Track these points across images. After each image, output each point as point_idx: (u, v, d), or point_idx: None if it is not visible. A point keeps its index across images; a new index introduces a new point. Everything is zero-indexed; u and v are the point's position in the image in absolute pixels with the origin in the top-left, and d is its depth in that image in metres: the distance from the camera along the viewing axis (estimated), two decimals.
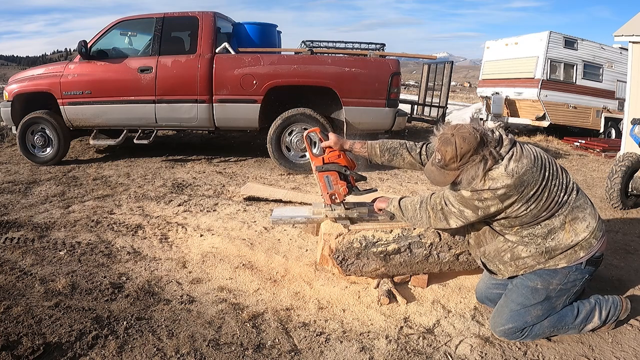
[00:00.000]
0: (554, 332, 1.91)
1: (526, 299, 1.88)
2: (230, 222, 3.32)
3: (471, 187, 1.80)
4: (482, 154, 1.76)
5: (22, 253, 2.70)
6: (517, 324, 1.86)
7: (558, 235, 1.83)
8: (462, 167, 1.79)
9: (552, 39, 9.63)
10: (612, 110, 10.39)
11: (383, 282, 2.30)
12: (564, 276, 1.85)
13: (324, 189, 2.28)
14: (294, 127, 5.02)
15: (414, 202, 2.08)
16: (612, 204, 4.02)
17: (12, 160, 5.60)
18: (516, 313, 1.87)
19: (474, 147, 1.75)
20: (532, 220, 1.82)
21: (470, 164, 1.77)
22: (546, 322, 1.88)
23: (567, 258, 1.84)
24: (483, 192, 1.79)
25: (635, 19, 5.68)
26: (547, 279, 1.86)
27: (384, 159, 2.24)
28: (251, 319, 2.03)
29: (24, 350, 1.75)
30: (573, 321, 1.91)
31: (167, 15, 5.26)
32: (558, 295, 1.87)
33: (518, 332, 1.87)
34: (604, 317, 1.94)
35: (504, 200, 1.78)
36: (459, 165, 1.79)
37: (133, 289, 2.27)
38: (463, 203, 1.86)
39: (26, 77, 5.54)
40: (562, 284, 1.86)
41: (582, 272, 1.86)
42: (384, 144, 2.24)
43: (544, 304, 1.86)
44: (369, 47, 6.23)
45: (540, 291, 1.87)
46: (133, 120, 5.24)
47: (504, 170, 1.77)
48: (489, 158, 1.76)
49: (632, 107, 5.51)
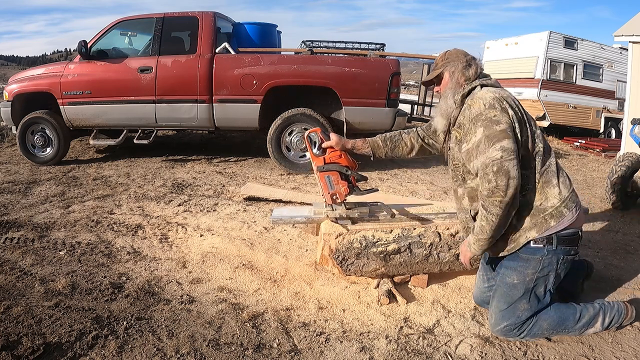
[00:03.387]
0: (554, 333, 1.92)
1: (508, 296, 1.90)
2: (230, 222, 3.32)
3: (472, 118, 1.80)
4: (466, 59, 1.95)
5: (22, 253, 2.70)
6: (510, 321, 1.87)
7: (529, 193, 1.82)
8: (446, 63, 1.96)
9: (552, 39, 9.64)
10: (612, 110, 10.40)
11: (383, 282, 2.30)
12: (537, 263, 1.85)
13: (325, 189, 2.28)
14: (294, 127, 5.02)
15: (480, 218, 1.83)
16: (612, 204, 4.02)
17: (12, 160, 5.61)
18: (505, 312, 1.89)
19: (461, 53, 1.99)
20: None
21: (454, 61, 1.96)
22: (545, 323, 1.88)
23: (538, 227, 1.82)
24: (488, 112, 1.77)
25: (635, 19, 5.68)
26: (521, 270, 1.87)
27: (387, 149, 2.26)
28: (251, 319, 2.03)
29: (24, 350, 1.75)
30: (574, 325, 1.91)
31: (167, 15, 5.26)
32: (537, 284, 1.87)
33: (515, 329, 1.87)
34: (606, 323, 1.94)
35: (505, 112, 1.78)
36: (444, 63, 1.97)
37: (133, 289, 2.27)
38: (491, 141, 1.74)
39: (26, 77, 5.54)
40: (538, 271, 1.86)
41: (555, 253, 1.84)
42: (384, 135, 2.29)
43: (526, 296, 1.87)
44: (369, 47, 6.23)
45: (518, 286, 1.88)
46: (133, 120, 5.24)
47: (486, 90, 1.87)
48: (471, 67, 1.93)
49: (632, 107, 5.52)
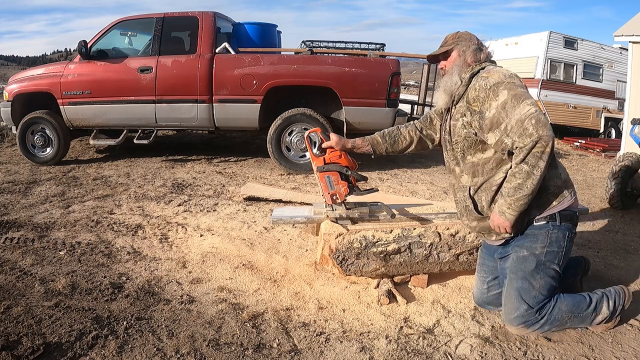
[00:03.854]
0: (571, 318, 1.90)
1: (522, 271, 1.89)
2: (230, 222, 3.32)
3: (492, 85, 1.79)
4: (478, 43, 1.96)
5: (22, 253, 2.70)
6: (529, 302, 1.85)
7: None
8: (458, 42, 1.97)
9: (552, 39, 9.64)
10: (612, 110, 10.40)
11: (383, 282, 2.30)
12: (545, 237, 1.87)
13: (325, 189, 2.28)
14: (294, 127, 5.02)
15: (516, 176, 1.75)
16: (612, 204, 4.02)
17: (12, 160, 5.61)
18: (522, 290, 1.87)
19: (474, 36, 1.99)
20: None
21: (466, 41, 1.97)
22: (563, 306, 1.88)
23: (540, 207, 1.87)
24: (507, 80, 1.80)
25: (635, 19, 5.68)
26: (530, 245, 1.89)
27: (387, 145, 2.26)
28: (251, 319, 2.03)
29: (24, 350, 1.75)
30: (587, 308, 1.92)
31: (167, 15, 5.26)
32: (548, 259, 1.88)
33: (536, 313, 1.86)
34: (611, 306, 1.94)
35: (524, 87, 1.82)
36: (455, 41, 1.98)
37: (133, 289, 2.28)
38: (518, 97, 1.72)
39: (26, 77, 5.54)
40: (547, 245, 1.87)
41: (561, 229, 1.88)
42: (383, 131, 2.30)
43: (539, 270, 1.87)
44: (369, 47, 6.23)
45: (529, 258, 1.88)
46: (133, 120, 5.24)
47: (504, 69, 1.88)
48: (482, 51, 1.95)
49: (632, 107, 5.51)
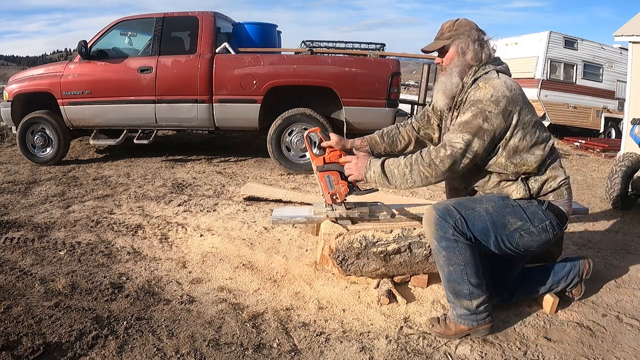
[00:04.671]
0: (455, 272, 1.83)
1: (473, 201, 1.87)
2: (230, 222, 3.32)
3: (473, 100, 1.77)
4: (479, 37, 1.83)
5: (22, 253, 2.70)
6: (458, 209, 1.80)
7: (541, 177, 1.87)
8: (456, 36, 1.83)
9: (552, 39, 9.64)
10: (612, 110, 10.40)
11: (383, 282, 2.30)
12: (519, 206, 1.83)
13: (325, 188, 2.27)
14: (294, 127, 5.03)
15: (401, 165, 1.86)
16: (612, 204, 4.02)
17: (12, 160, 5.61)
18: (460, 204, 1.84)
19: (474, 27, 1.84)
20: (534, 160, 1.83)
21: (465, 35, 1.82)
22: (468, 255, 1.80)
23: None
24: (485, 104, 1.74)
25: (635, 19, 5.67)
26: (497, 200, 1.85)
27: (385, 145, 2.23)
28: (251, 319, 2.03)
29: (24, 350, 1.75)
30: (467, 286, 1.83)
31: (167, 15, 5.27)
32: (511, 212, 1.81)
33: (452, 228, 1.79)
34: (474, 305, 1.87)
35: (505, 117, 1.76)
36: (452, 35, 1.83)
37: (133, 289, 2.27)
38: (467, 129, 1.75)
39: (26, 77, 5.54)
40: (522, 205, 1.83)
41: (543, 213, 1.83)
42: (382, 130, 2.27)
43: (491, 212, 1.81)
44: (369, 47, 6.23)
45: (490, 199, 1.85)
46: (133, 120, 5.25)
47: (503, 82, 1.79)
48: (486, 49, 1.83)
49: (632, 107, 5.51)
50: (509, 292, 2.11)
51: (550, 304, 2.13)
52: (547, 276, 2.13)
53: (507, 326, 2.02)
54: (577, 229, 3.40)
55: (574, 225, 3.44)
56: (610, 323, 2.07)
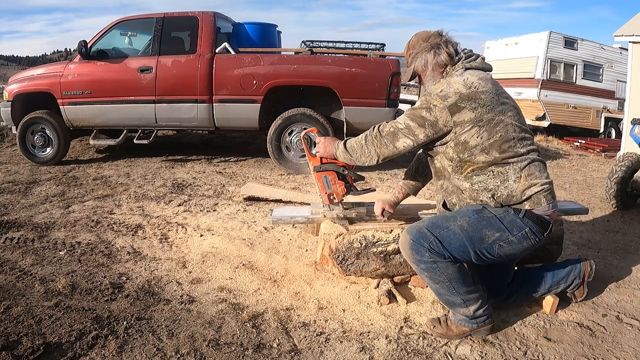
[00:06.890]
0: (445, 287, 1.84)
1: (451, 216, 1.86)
2: (230, 222, 3.32)
3: (426, 92, 1.86)
4: (432, 42, 1.89)
5: (22, 253, 2.70)
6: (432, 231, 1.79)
7: (511, 185, 1.78)
8: (414, 58, 1.94)
9: (552, 39, 9.64)
10: (612, 110, 10.41)
11: (383, 282, 2.30)
12: (495, 217, 1.78)
13: (322, 189, 2.27)
14: (294, 127, 5.03)
15: (359, 139, 1.99)
16: (612, 204, 4.02)
17: (12, 160, 5.61)
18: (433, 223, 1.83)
19: (423, 37, 1.92)
20: (484, 159, 1.78)
21: (419, 52, 1.92)
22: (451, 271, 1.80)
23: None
24: (432, 98, 1.80)
25: (635, 19, 5.67)
26: (471, 213, 1.81)
27: (422, 180, 2.28)
28: (251, 319, 2.03)
29: (24, 350, 1.75)
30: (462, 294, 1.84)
31: (167, 15, 5.27)
32: (487, 225, 1.77)
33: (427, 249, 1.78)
34: (472, 311, 1.87)
35: (453, 113, 1.76)
36: (411, 58, 1.94)
37: (133, 289, 2.27)
38: (411, 116, 1.85)
39: (26, 77, 5.54)
40: (498, 215, 1.77)
41: (521, 221, 1.76)
42: (411, 170, 2.30)
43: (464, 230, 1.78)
44: (369, 47, 6.22)
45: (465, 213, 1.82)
46: (133, 120, 5.25)
47: (462, 80, 1.82)
48: (442, 51, 1.87)
49: (632, 107, 5.51)
50: (507, 292, 2.11)
51: (550, 304, 2.13)
52: (547, 277, 2.13)
53: (507, 326, 2.02)
54: (577, 229, 3.40)
55: (574, 225, 3.44)
56: (610, 323, 2.07)
